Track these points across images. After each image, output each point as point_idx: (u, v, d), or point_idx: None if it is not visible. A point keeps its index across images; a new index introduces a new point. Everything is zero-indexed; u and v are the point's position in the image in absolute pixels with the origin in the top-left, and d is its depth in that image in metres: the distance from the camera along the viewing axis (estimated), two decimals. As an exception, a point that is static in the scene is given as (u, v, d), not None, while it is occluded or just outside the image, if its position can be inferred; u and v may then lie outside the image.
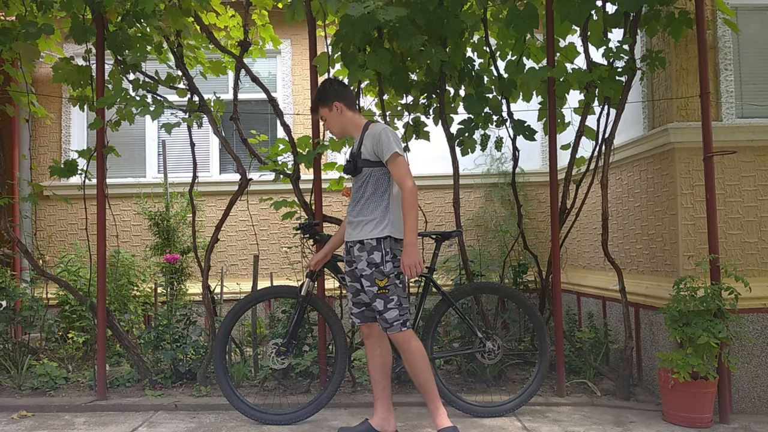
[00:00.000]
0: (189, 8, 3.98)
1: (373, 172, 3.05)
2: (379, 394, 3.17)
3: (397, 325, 2.99)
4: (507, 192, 5.54)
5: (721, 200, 3.70)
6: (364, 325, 3.18)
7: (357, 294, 3.16)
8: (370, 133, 3.06)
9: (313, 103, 3.23)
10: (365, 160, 3.05)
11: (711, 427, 3.33)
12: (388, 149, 2.96)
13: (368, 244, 3.00)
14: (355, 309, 3.19)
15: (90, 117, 5.65)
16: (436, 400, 3.07)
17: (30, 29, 3.75)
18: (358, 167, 3.07)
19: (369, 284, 3.00)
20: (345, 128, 3.19)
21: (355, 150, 3.12)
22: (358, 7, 3.31)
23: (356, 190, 3.12)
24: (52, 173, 4.04)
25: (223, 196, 5.75)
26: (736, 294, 3.33)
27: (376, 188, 3.05)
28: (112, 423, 3.46)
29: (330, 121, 3.18)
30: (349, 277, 3.17)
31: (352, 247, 3.09)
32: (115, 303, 4.85)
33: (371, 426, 3.13)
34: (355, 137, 3.19)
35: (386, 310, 2.98)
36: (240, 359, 4.23)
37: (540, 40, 4.26)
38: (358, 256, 3.04)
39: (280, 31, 5.06)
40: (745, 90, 3.86)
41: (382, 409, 3.16)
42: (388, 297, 2.98)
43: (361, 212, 3.05)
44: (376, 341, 3.17)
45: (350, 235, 3.10)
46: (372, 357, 3.19)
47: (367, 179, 3.06)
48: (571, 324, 4.65)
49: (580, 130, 3.94)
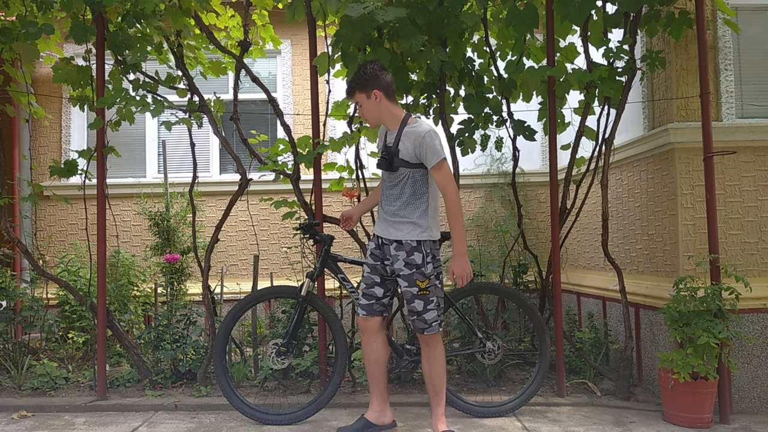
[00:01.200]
0: (189, 8, 3.97)
1: (413, 173, 2.99)
2: (374, 388, 3.19)
3: (435, 326, 3.01)
4: (507, 192, 5.54)
5: (721, 200, 3.70)
6: (363, 318, 3.15)
7: (372, 286, 3.12)
8: (412, 132, 2.97)
9: (350, 86, 3.07)
10: (404, 160, 2.98)
11: (711, 427, 3.33)
12: (435, 155, 2.91)
13: (408, 245, 2.98)
14: (363, 300, 3.14)
15: (90, 117, 5.65)
16: (442, 405, 3.10)
17: (30, 29, 3.75)
18: (393, 165, 3.00)
19: (407, 285, 2.99)
20: (381, 118, 3.08)
21: (392, 146, 3.01)
22: (357, 8, 3.31)
23: (392, 188, 3.05)
24: (52, 173, 4.04)
25: (223, 196, 5.75)
26: (737, 294, 3.33)
27: (415, 190, 3.01)
28: (112, 423, 3.46)
29: (366, 108, 3.07)
30: (370, 268, 3.14)
31: (387, 245, 3.05)
32: (115, 303, 4.85)
33: (368, 420, 3.15)
34: (390, 129, 3.07)
35: (426, 311, 2.99)
36: (240, 359, 4.23)
37: (540, 40, 4.26)
38: (394, 256, 3.01)
39: (280, 31, 5.06)
40: (745, 90, 3.86)
41: (377, 402, 3.17)
42: (428, 298, 2.99)
43: (400, 212, 3.02)
44: (373, 336, 3.16)
45: (386, 232, 3.05)
46: (368, 352, 3.17)
47: (405, 180, 3.01)
48: (571, 324, 4.65)
49: (580, 130, 3.94)
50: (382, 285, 3.12)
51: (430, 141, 2.91)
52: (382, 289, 3.12)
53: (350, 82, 3.10)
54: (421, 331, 3.03)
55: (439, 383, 3.08)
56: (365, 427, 3.13)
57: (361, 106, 3.09)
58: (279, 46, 5.00)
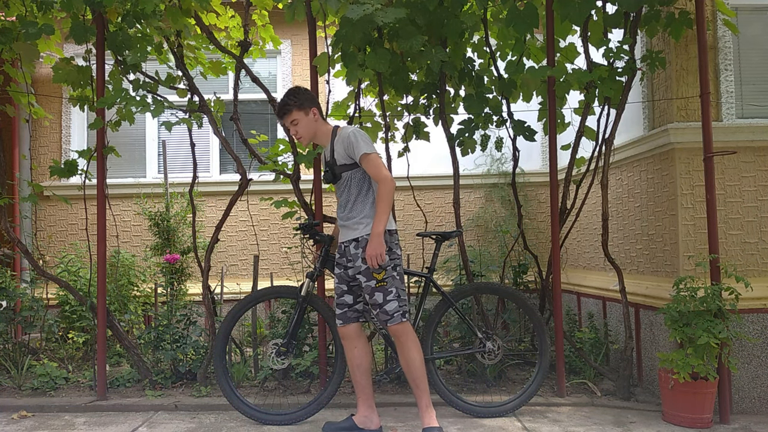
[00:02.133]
0: (189, 8, 3.97)
1: (353, 174, 3.11)
2: (360, 393, 3.23)
3: (397, 316, 3.03)
4: (507, 192, 5.54)
5: (721, 200, 3.70)
6: (342, 327, 3.22)
7: (342, 295, 3.21)
8: (340, 137, 3.12)
9: (287, 106, 3.15)
10: (342, 165, 3.12)
11: (711, 427, 3.33)
12: (357, 150, 3.03)
13: (363, 240, 3.06)
14: (338, 310, 3.24)
15: (90, 117, 5.65)
16: (426, 397, 3.10)
17: (30, 29, 3.74)
18: (336, 174, 3.14)
19: (366, 279, 3.04)
20: (317, 135, 3.22)
21: (329, 158, 3.17)
22: (357, 10, 3.31)
23: (341, 194, 3.18)
24: (52, 173, 4.04)
25: (223, 196, 5.75)
26: (737, 294, 3.33)
27: (360, 188, 3.11)
28: (112, 423, 3.46)
29: (303, 125, 3.17)
30: (338, 278, 3.23)
31: (347, 246, 3.14)
32: (115, 303, 4.85)
33: (354, 423, 3.19)
34: (325, 145, 3.23)
35: (386, 302, 3.03)
36: (240, 359, 4.23)
37: (540, 40, 4.26)
38: (354, 254, 3.08)
39: (280, 32, 5.06)
40: (745, 90, 3.86)
41: (364, 407, 3.22)
42: (387, 289, 3.03)
43: (351, 213, 3.11)
44: (353, 342, 3.21)
45: (344, 236, 3.16)
46: (350, 358, 3.23)
47: (348, 182, 3.12)
48: (571, 324, 4.65)
49: (580, 130, 3.94)
50: (350, 292, 3.20)
51: (353, 138, 3.05)
52: (351, 296, 3.20)
53: (286, 103, 3.16)
54: (385, 323, 3.06)
55: (419, 376, 3.08)
56: (351, 428, 3.18)
57: (298, 123, 3.17)
58: (279, 46, 5.00)
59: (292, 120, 3.17)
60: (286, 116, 3.19)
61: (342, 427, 3.19)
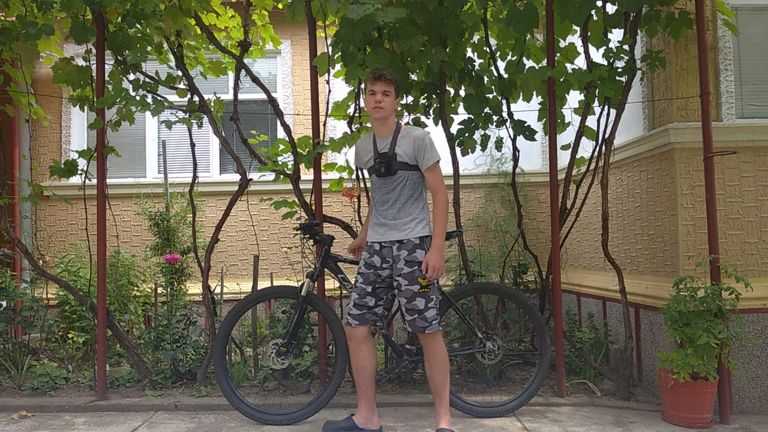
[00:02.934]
0: (189, 8, 3.98)
1: (410, 176, 3.07)
2: (362, 394, 3.22)
3: (435, 324, 3.04)
4: (507, 192, 5.54)
5: (721, 200, 3.70)
6: (353, 327, 3.17)
7: (364, 296, 3.16)
8: (407, 135, 3.07)
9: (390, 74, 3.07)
10: (402, 163, 3.05)
11: (711, 427, 3.33)
12: (431, 157, 3.04)
13: (410, 243, 3.03)
14: (355, 311, 3.17)
15: (90, 117, 5.66)
16: (445, 404, 3.11)
17: (30, 30, 3.74)
18: (392, 169, 3.06)
19: (408, 283, 3.00)
20: (389, 119, 3.13)
21: (387, 150, 3.08)
22: (357, 10, 3.31)
23: (388, 192, 3.10)
24: (52, 173, 4.04)
25: (223, 196, 5.75)
26: (737, 294, 3.33)
27: (414, 191, 3.09)
28: (112, 423, 3.46)
29: (390, 102, 3.08)
30: (363, 277, 3.16)
31: (387, 247, 3.09)
32: (115, 303, 4.85)
33: (354, 423, 3.19)
34: (383, 135, 3.13)
35: (427, 309, 3.01)
36: (240, 359, 4.23)
37: (540, 40, 4.26)
38: (396, 256, 3.04)
39: (280, 32, 5.06)
40: (745, 90, 3.86)
41: (365, 409, 3.21)
42: (429, 296, 3.02)
43: (399, 214, 3.07)
44: (361, 344, 3.18)
45: (384, 236, 3.09)
46: (356, 360, 3.20)
47: (403, 183, 3.07)
48: (571, 324, 4.65)
49: (580, 130, 3.94)
50: (374, 294, 3.15)
51: (428, 143, 3.05)
52: (373, 299, 3.16)
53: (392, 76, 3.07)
54: (422, 330, 3.03)
55: (443, 383, 3.09)
56: (351, 428, 3.18)
57: (389, 95, 3.08)
58: (279, 46, 5.00)
59: (386, 90, 3.05)
60: (385, 82, 3.05)
61: (342, 427, 3.19)
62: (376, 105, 3.06)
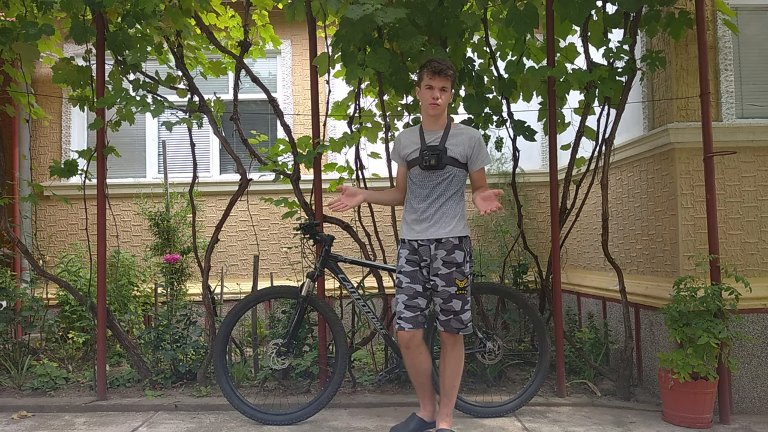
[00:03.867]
0: (189, 8, 3.97)
1: (458, 173, 3.05)
2: (425, 392, 3.18)
3: (470, 326, 3.03)
4: (507, 192, 5.53)
5: (721, 200, 3.70)
6: (409, 333, 3.00)
7: (414, 297, 3.00)
8: (461, 133, 3.06)
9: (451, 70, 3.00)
10: (453, 158, 3.02)
11: (711, 427, 3.33)
12: (484, 160, 3.08)
13: (449, 243, 2.98)
14: (407, 313, 2.99)
15: (90, 117, 5.66)
16: (451, 406, 3.11)
17: (30, 30, 3.74)
18: (442, 163, 3.00)
19: (445, 284, 2.96)
20: (443, 115, 3.10)
21: (437, 144, 3.03)
22: (357, 10, 3.31)
23: (433, 186, 3.02)
24: (52, 173, 4.04)
25: (223, 196, 5.75)
26: (737, 294, 3.33)
27: (458, 188, 3.07)
28: (112, 423, 3.46)
29: (447, 97, 3.04)
30: (409, 277, 3.02)
31: (425, 246, 3.01)
32: (115, 303, 4.85)
33: (422, 420, 3.15)
34: (436, 129, 3.08)
35: (463, 311, 2.99)
36: (240, 359, 4.23)
37: (540, 40, 4.26)
38: (434, 255, 2.98)
39: (280, 32, 5.06)
40: (745, 90, 3.86)
41: (430, 403, 3.19)
42: (466, 298, 3.00)
43: (441, 210, 3.01)
44: (420, 347, 3.05)
45: (422, 234, 3.00)
46: (415, 363, 3.07)
47: (450, 178, 3.03)
48: (571, 324, 4.65)
49: (580, 130, 3.94)
50: (424, 295, 3.02)
51: (483, 145, 3.09)
52: (425, 300, 3.03)
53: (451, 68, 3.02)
54: (457, 331, 3.00)
55: (453, 385, 3.08)
56: (422, 426, 3.14)
57: (446, 92, 3.03)
58: (279, 46, 5.00)
59: (444, 86, 3.00)
60: (444, 78, 2.98)
61: (413, 428, 3.10)
62: (433, 101, 2.99)
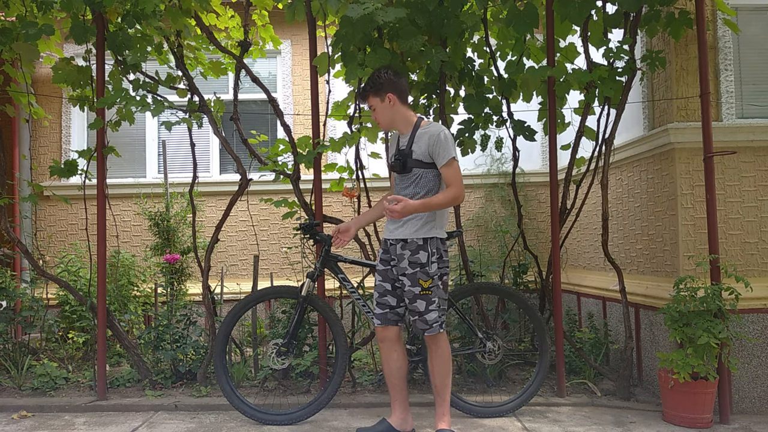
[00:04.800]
0: (189, 9, 3.97)
1: (425, 173, 3.01)
2: (396, 395, 3.17)
3: (436, 326, 3.00)
4: (507, 192, 5.54)
5: (721, 200, 3.70)
6: (382, 328, 3.12)
7: (384, 294, 3.11)
8: (426, 132, 3.00)
9: (364, 90, 3.08)
10: (417, 160, 2.99)
11: (711, 427, 3.33)
12: (447, 154, 2.95)
13: (413, 243, 2.98)
14: (378, 310, 3.12)
15: (90, 117, 5.65)
16: (446, 405, 3.10)
17: (30, 30, 3.74)
18: (407, 166, 3.00)
19: (410, 284, 2.97)
20: (395, 122, 3.09)
21: (405, 148, 3.03)
22: (357, 9, 3.31)
23: (403, 189, 3.05)
24: (52, 173, 4.04)
25: (223, 196, 5.75)
26: (737, 294, 3.33)
27: (429, 189, 3.02)
28: (112, 423, 3.46)
29: (379, 112, 3.07)
30: (381, 275, 3.12)
31: (393, 245, 3.05)
32: (115, 303, 4.85)
33: (391, 425, 3.14)
34: (403, 133, 3.09)
35: (427, 312, 2.98)
36: (240, 359, 4.23)
37: (540, 40, 4.26)
38: (400, 255, 3.00)
39: (280, 32, 5.06)
40: (745, 90, 3.86)
41: (400, 410, 3.17)
42: (431, 298, 2.98)
43: None
44: (393, 345, 3.13)
45: (392, 233, 3.05)
46: (388, 360, 3.15)
47: (417, 180, 3.02)
48: (571, 324, 4.65)
49: (580, 130, 3.94)
50: (394, 293, 3.09)
51: (444, 139, 2.96)
52: (395, 299, 3.09)
53: (364, 86, 3.10)
54: (422, 332, 3.02)
55: (446, 385, 3.07)
56: (388, 430, 3.13)
57: (375, 109, 3.08)
58: (279, 46, 5.00)
59: (371, 105, 3.07)
60: (364, 101, 3.11)
61: (379, 431, 3.12)
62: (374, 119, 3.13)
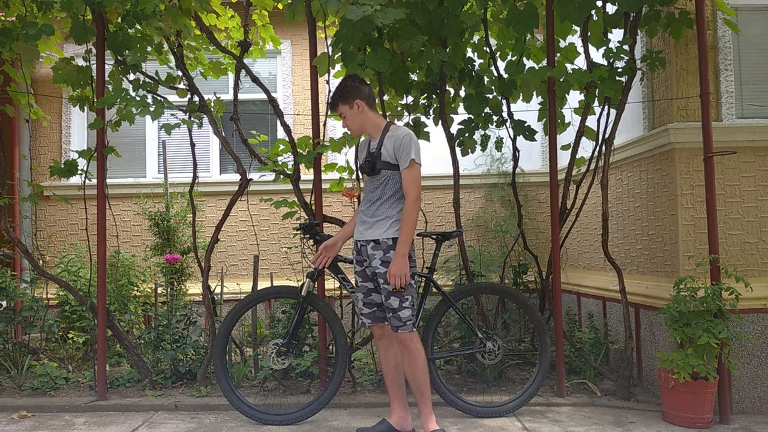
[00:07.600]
0: (189, 9, 3.97)
1: (393, 175, 3.05)
2: (395, 394, 3.19)
3: (409, 324, 3.02)
4: (507, 192, 5.54)
5: (721, 200, 3.70)
6: (376, 326, 3.18)
7: (368, 294, 3.15)
8: (392, 135, 3.06)
9: (333, 99, 3.16)
10: (385, 162, 3.05)
11: (711, 427, 3.33)
12: (406, 155, 2.99)
13: (384, 243, 3.02)
14: (365, 309, 3.18)
15: (90, 117, 5.66)
16: (429, 404, 3.10)
17: (30, 30, 3.74)
18: (376, 168, 3.06)
19: (384, 282, 3.01)
20: (364, 127, 3.15)
21: (375, 150, 3.09)
22: (356, 11, 3.31)
23: (372, 191, 3.10)
24: (52, 173, 4.04)
25: (223, 196, 5.75)
26: (737, 294, 3.33)
27: (396, 190, 3.06)
28: (112, 423, 3.46)
29: (349, 119, 3.14)
30: (360, 276, 3.17)
31: (364, 246, 3.09)
32: (115, 303, 4.85)
33: (391, 425, 3.15)
34: (374, 137, 3.15)
35: (401, 309, 3.00)
36: (240, 359, 4.23)
37: (540, 41, 4.26)
38: (371, 255, 3.04)
39: (280, 32, 5.06)
40: (745, 90, 3.86)
41: (399, 408, 3.18)
42: (403, 296, 3.00)
43: (378, 211, 3.06)
44: (389, 342, 3.18)
45: (363, 234, 3.10)
46: (386, 358, 3.19)
47: (386, 182, 3.06)
48: (571, 324, 4.65)
49: (580, 130, 3.94)
50: (377, 290, 3.14)
51: (407, 142, 3.00)
52: (380, 295, 3.12)
53: (333, 95, 3.17)
54: (396, 329, 3.03)
55: (423, 384, 3.08)
56: (388, 430, 3.14)
57: (345, 117, 3.16)
58: (279, 47, 5.00)
59: (341, 113, 3.15)
60: (334, 110, 3.18)
61: (379, 431, 3.13)
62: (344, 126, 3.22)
